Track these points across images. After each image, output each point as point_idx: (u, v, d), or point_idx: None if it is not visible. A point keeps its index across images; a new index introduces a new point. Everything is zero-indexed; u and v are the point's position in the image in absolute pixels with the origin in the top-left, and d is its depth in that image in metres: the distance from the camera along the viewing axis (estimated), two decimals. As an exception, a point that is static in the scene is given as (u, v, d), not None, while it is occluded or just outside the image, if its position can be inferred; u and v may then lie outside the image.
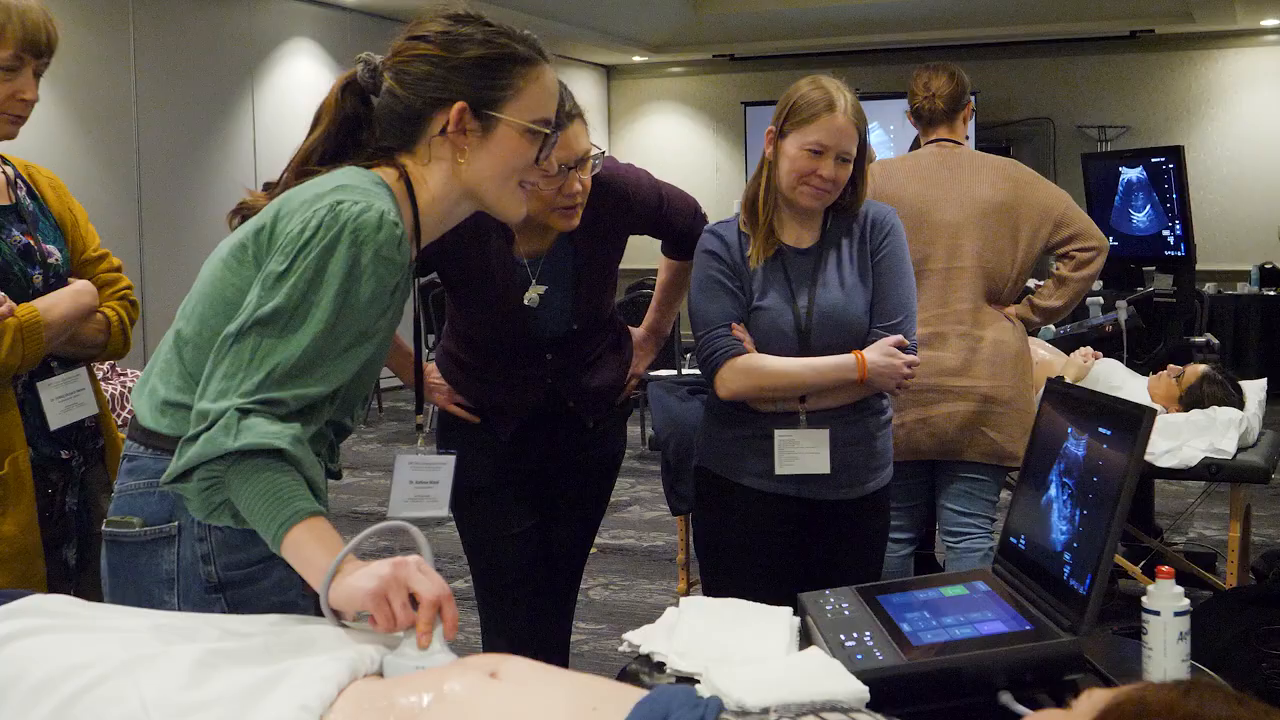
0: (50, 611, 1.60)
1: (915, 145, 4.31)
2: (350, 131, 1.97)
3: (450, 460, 2.50)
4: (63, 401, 2.57)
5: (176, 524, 1.86)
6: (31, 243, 2.55)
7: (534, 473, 2.97)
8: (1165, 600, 1.87)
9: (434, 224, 1.97)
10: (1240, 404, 4.26)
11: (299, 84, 10.20)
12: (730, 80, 13.82)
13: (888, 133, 11.95)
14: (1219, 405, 4.23)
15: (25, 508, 2.46)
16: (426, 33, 1.92)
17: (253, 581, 1.87)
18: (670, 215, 3.01)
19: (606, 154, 2.82)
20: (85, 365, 2.66)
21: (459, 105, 1.88)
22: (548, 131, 1.95)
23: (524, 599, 2.97)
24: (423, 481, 2.49)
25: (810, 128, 2.75)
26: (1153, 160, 7.52)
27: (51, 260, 2.58)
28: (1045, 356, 4.56)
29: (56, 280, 2.58)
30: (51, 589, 2.30)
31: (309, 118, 2.00)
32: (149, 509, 1.88)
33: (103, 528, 1.94)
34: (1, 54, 2.40)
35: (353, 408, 1.98)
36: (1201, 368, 4.46)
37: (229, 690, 1.44)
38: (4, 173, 2.59)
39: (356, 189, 1.82)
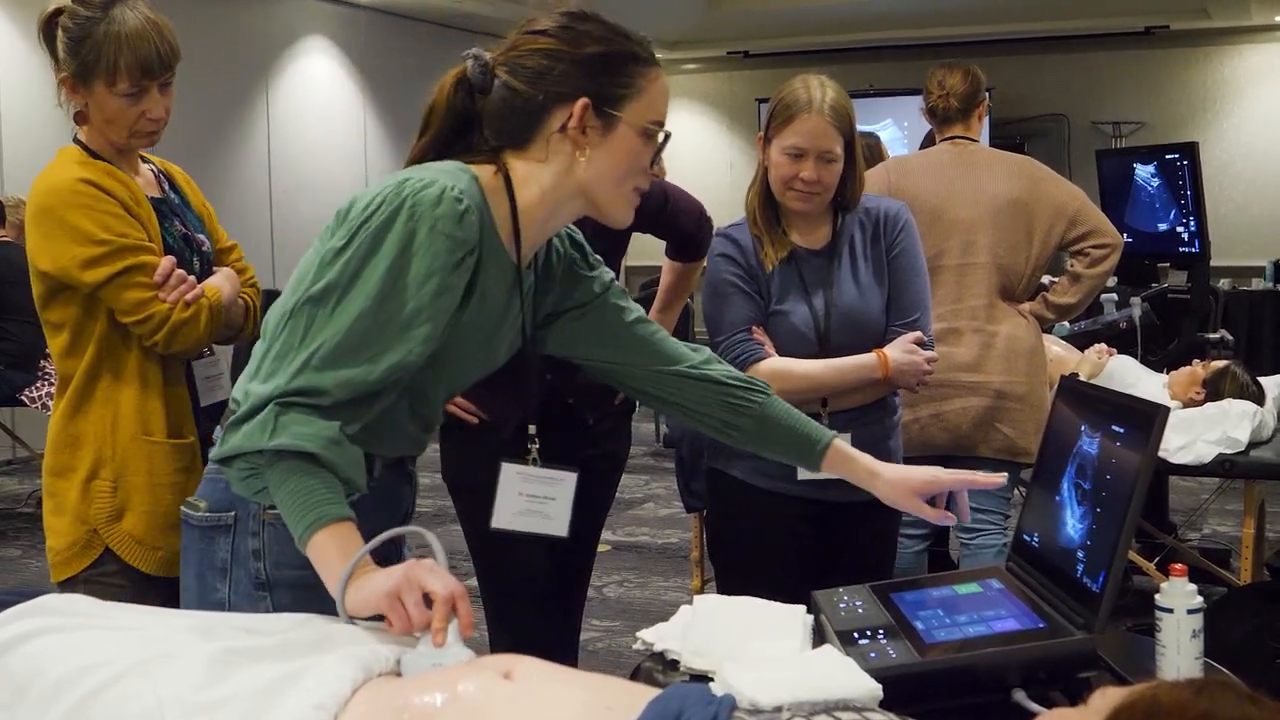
0: (67, 611, 1.61)
1: (928, 142, 4.31)
2: (460, 133, 1.94)
3: (570, 478, 2.28)
4: (209, 382, 2.65)
5: (234, 514, 1.85)
6: (188, 232, 2.65)
7: None
8: (1179, 598, 1.87)
9: (539, 223, 1.93)
10: (1261, 401, 4.24)
11: (314, 82, 10.19)
12: (744, 77, 13.78)
13: (901, 129, 11.89)
14: (1236, 399, 4.22)
15: (201, 475, 2.54)
16: (544, 27, 1.89)
17: (304, 586, 1.79)
18: (674, 214, 3.01)
19: None
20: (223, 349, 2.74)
21: (583, 101, 1.85)
22: (664, 134, 1.93)
23: (529, 599, 2.96)
24: (535, 496, 2.36)
25: (787, 130, 2.71)
26: (1167, 156, 7.47)
27: (204, 249, 2.67)
28: (1060, 353, 4.56)
29: (208, 267, 2.66)
30: None
31: (323, 115, 2.01)
32: (215, 495, 1.88)
33: (181, 507, 1.95)
34: (121, 86, 2.48)
35: (453, 393, 2.00)
36: (1229, 363, 4.45)
37: (245, 689, 1.45)
38: (150, 168, 2.69)
39: (431, 169, 1.81)
